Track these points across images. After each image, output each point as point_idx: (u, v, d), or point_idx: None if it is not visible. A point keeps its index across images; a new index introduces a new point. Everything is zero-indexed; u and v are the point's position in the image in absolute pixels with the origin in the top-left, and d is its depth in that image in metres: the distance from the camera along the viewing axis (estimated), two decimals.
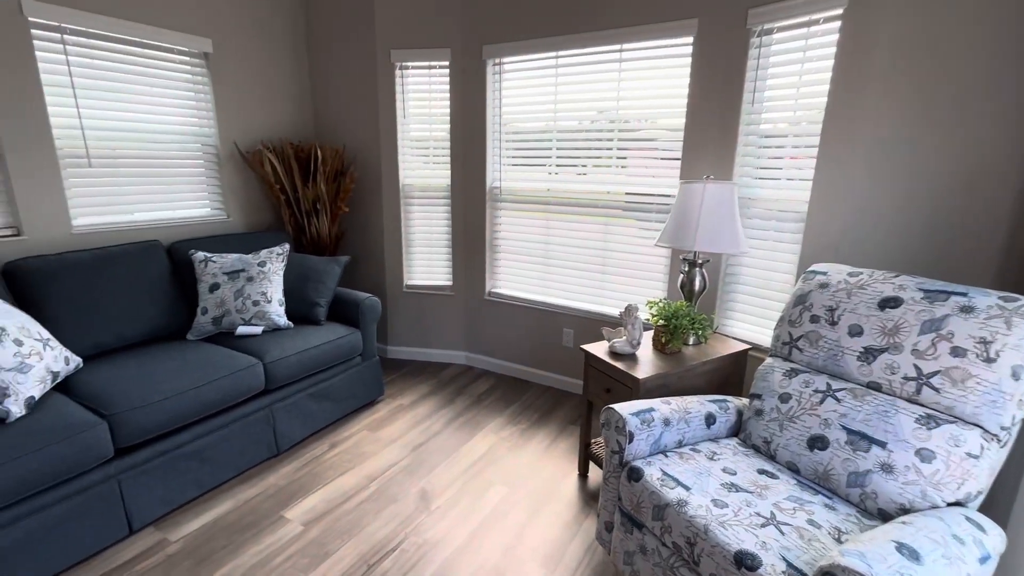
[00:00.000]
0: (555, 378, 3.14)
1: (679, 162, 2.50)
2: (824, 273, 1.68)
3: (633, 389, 1.87)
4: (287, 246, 2.67)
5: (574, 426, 2.68)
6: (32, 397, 1.71)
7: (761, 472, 1.49)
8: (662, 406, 1.64)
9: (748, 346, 2.14)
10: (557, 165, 2.88)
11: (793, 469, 1.51)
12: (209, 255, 2.50)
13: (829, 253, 2.07)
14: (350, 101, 3.24)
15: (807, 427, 1.50)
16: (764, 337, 2.33)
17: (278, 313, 2.51)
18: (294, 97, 3.31)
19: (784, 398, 1.59)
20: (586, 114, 2.72)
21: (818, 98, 2.04)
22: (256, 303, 2.46)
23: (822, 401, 1.50)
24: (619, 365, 1.94)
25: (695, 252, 2.15)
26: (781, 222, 2.23)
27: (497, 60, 2.92)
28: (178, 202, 2.81)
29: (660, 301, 2.12)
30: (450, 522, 1.96)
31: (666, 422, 1.60)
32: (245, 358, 2.20)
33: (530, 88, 2.87)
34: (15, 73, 2.14)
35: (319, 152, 3.06)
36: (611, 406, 1.60)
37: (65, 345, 2.08)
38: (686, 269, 2.18)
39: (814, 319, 1.62)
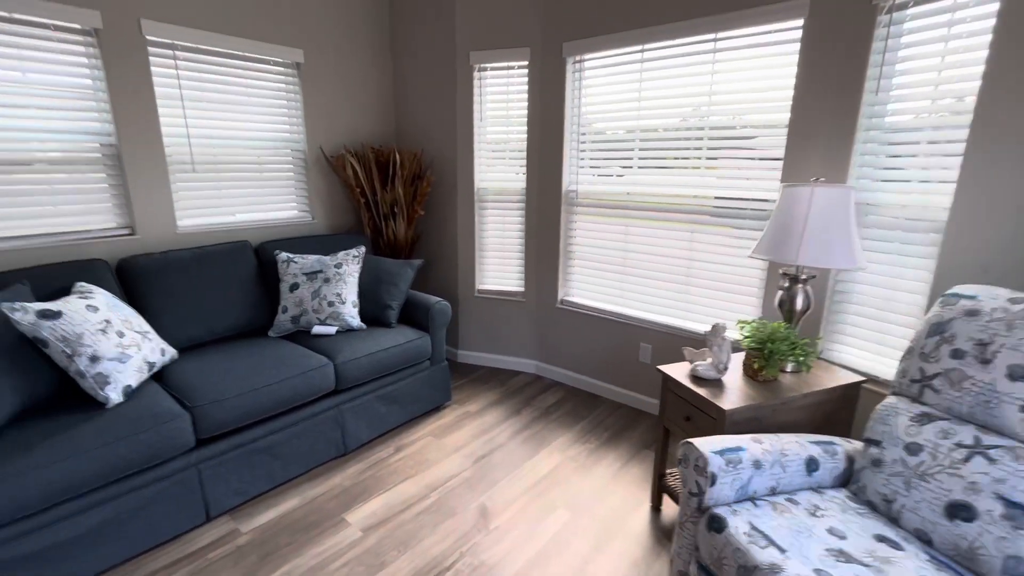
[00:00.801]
0: (629, 395, 2.93)
1: (780, 163, 2.21)
2: (972, 297, 1.36)
3: (717, 420, 1.65)
4: (363, 248, 2.72)
5: (648, 451, 2.46)
6: (129, 386, 1.85)
7: (880, 539, 1.22)
8: (752, 445, 1.41)
9: (861, 378, 1.82)
10: (639, 167, 2.68)
11: (924, 540, 1.22)
12: (291, 256, 2.61)
13: (975, 273, 1.70)
14: (429, 105, 3.26)
15: (945, 489, 1.21)
16: (883, 369, 1.98)
17: (351, 314, 2.55)
18: (377, 102, 3.40)
19: (913, 449, 1.30)
20: (673, 111, 2.50)
21: (966, 83, 1.68)
22: (331, 304, 2.52)
23: (968, 459, 1.20)
24: (702, 392, 1.72)
25: (798, 266, 1.86)
26: (909, 232, 1.88)
27: (578, 57, 2.78)
28: (268, 204, 2.97)
29: (753, 321, 1.87)
30: (508, 545, 1.85)
31: (757, 464, 1.37)
32: (317, 358, 2.25)
33: (612, 86, 2.69)
34: (135, 88, 2.35)
35: (398, 156, 3.10)
36: (690, 441, 1.41)
37: (163, 337, 2.24)
38: (786, 285, 1.91)
39: (957, 354, 1.31)
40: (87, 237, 2.32)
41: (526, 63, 2.91)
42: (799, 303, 1.88)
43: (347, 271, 2.59)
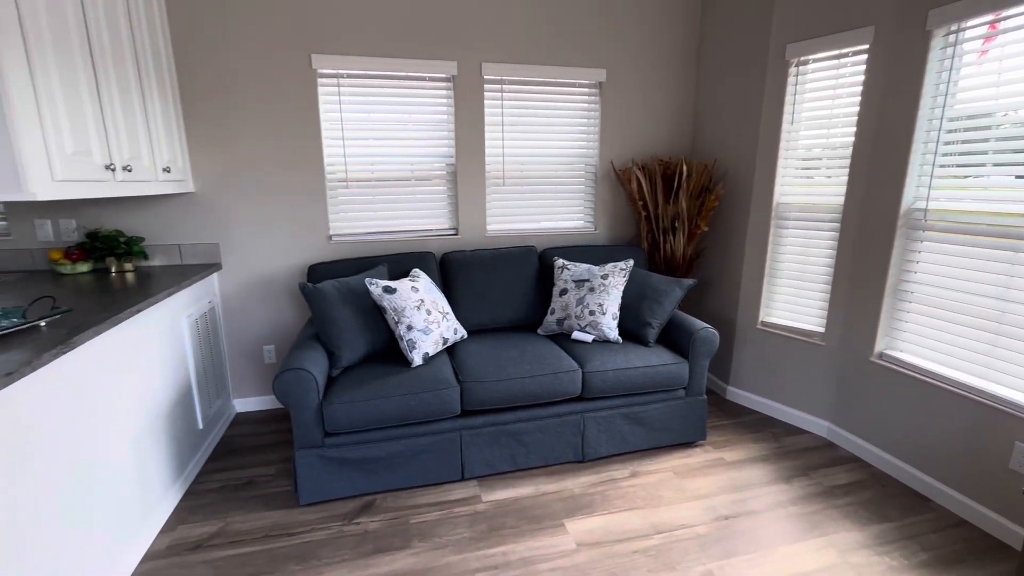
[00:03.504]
0: (980, 512, 1.98)
1: None
2: None
3: None
4: (631, 262, 2.68)
5: None
6: (427, 353, 2.34)
7: None
8: None
9: None
10: None
11: None
12: (566, 263, 2.79)
13: None
14: (730, 111, 2.94)
15: None
16: None
17: (610, 326, 2.56)
18: (674, 113, 3.28)
19: None
20: None
21: None
22: (592, 312, 2.58)
23: None
24: None
25: None
26: None
27: (955, 26, 2.01)
28: (559, 214, 3.27)
29: None
30: None
31: None
32: (569, 361, 2.35)
33: (1015, 58, 1.84)
34: (471, 118, 2.95)
35: (684, 167, 2.92)
36: None
37: (459, 319, 2.75)
38: None
39: None
40: (427, 235, 3.05)
41: (865, 47, 2.28)
42: None
43: (612, 283, 2.61)
